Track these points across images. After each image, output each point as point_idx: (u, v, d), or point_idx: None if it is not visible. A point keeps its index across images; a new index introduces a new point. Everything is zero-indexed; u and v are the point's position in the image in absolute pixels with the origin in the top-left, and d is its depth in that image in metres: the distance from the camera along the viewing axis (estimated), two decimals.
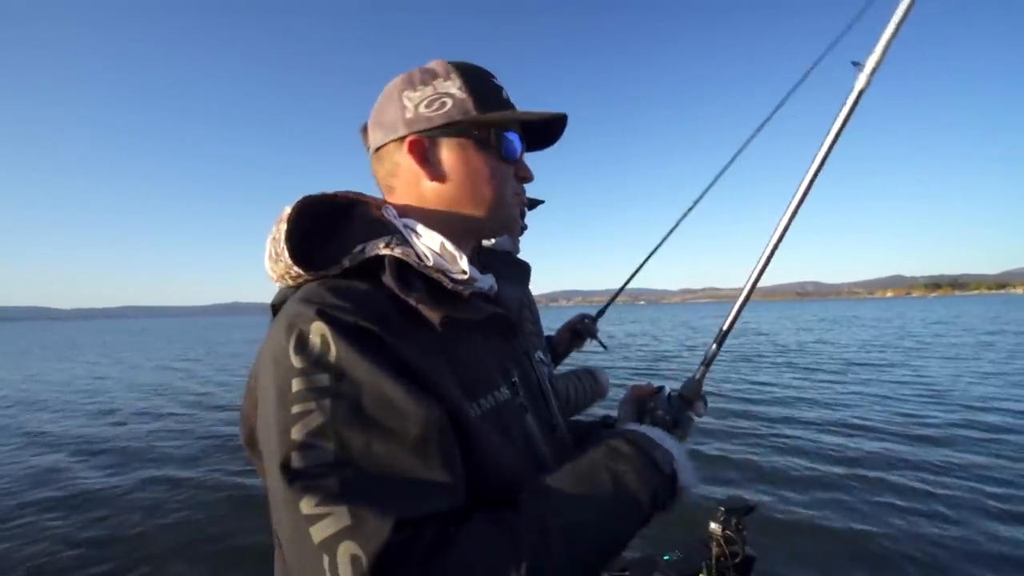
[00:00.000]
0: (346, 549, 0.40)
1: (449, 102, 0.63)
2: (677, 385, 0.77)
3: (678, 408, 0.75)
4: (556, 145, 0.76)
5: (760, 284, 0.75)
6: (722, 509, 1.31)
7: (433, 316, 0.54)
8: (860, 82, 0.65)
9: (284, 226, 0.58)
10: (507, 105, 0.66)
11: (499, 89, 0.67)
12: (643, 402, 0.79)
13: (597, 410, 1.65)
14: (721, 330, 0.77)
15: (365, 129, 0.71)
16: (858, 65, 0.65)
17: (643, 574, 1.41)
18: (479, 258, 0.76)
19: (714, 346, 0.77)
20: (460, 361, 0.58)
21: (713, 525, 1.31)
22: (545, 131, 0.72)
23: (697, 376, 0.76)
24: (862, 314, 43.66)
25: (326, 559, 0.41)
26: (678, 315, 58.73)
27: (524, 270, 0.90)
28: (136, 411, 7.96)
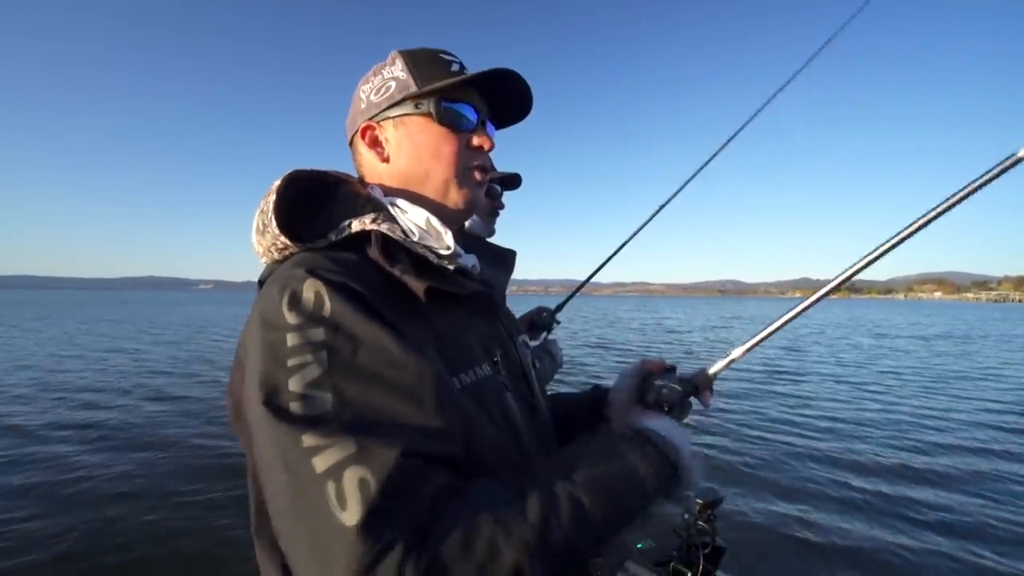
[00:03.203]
0: (353, 473, 0.40)
1: (393, 84, 0.66)
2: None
3: (686, 392, 0.72)
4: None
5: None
6: (695, 499, 1.39)
7: (417, 287, 0.55)
8: None
9: (273, 198, 0.58)
10: (455, 77, 0.65)
11: (448, 63, 0.66)
12: (650, 376, 0.75)
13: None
14: (768, 328, 0.70)
15: None
16: None
17: (615, 561, 1.47)
18: (461, 240, 0.75)
19: (742, 349, 0.73)
20: (443, 335, 0.59)
21: (686, 515, 1.39)
22: (510, 102, 0.72)
23: (712, 370, 0.73)
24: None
25: (331, 486, 0.40)
26: (602, 307, 59.81)
27: (508, 257, 0.89)
28: None
